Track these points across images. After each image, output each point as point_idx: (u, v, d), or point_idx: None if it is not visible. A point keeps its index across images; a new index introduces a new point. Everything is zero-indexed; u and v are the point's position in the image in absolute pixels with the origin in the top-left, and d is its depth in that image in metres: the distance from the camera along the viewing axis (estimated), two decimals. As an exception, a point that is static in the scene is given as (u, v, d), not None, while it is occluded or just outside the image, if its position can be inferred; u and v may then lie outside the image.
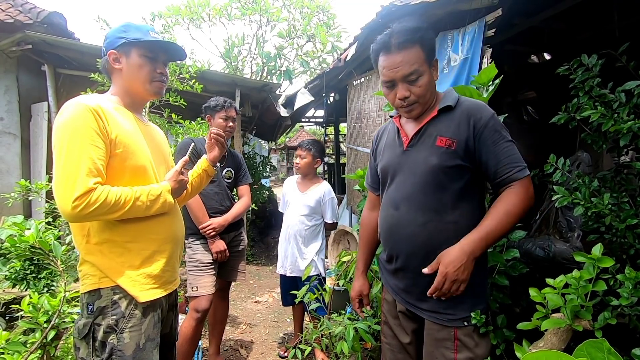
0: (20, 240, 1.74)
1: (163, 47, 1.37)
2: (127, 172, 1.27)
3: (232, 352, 2.98)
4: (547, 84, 3.85)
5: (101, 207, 1.14)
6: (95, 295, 1.24)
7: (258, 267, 5.55)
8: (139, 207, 1.23)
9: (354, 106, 4.70)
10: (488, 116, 1.23)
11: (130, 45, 1.31)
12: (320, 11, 10.31)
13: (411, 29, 1.23)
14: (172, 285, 1.41)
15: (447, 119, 1.27)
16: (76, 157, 1.13)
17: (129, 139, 1.27)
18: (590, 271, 1.20)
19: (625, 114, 1.66)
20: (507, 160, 1.20)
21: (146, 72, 1.33)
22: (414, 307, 1.33)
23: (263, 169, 7.16)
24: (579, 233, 2.37)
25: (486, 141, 1.21)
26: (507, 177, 1.20)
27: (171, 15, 9.41)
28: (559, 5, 2.78)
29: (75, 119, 1.16)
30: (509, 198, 1.18)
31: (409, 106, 1.28)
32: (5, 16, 4.52)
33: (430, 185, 1.25)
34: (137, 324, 1.25)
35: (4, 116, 4.74)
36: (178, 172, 1.40)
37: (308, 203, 2.69)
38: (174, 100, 3.54)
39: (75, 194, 1.11)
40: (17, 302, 2.47)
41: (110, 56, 1.32)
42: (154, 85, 1.37)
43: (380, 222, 1.42)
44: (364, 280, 1.60)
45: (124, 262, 1.25)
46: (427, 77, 1.25)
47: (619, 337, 1.37)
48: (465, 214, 1.25)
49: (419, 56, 1.23)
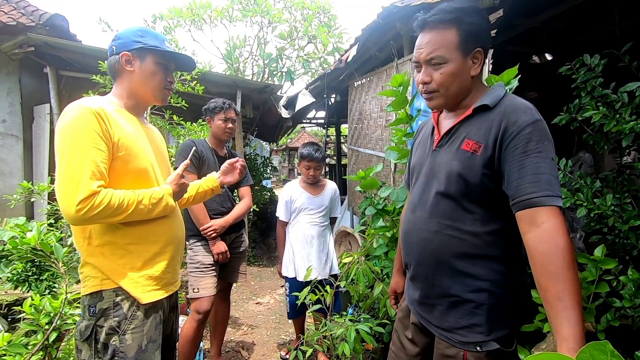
0: (21, 242, 1.74)
1: (175, 58, 1.41)
2: (129, 174, 1.27)
3: (234, 354, 2.98)
4: (548, 84, 3.85)
5: (105, 210, 1.14)
6: (97, 297, 1.24)
7: (259, 268, 5.55)
8: (141, 210, 1.23)
9: (355, 107, 4.71)
10: (526, 121, 0.99)
11: (146, 50, 1.32)
12: (321, 12, 10.33)
13: (448, 8, 1.09)
14: (173, 286, 1.41)
15: (481, 120, 1.09)
16: (79, 160, 1.13)
17: (131, 142, 1.27)
18: (592, 273, 1.20)
19: (627, 114, 1.65)
20: (535, 178, 0.95)
21: (159, 79, 1.36)
22: (425, 320, 1.22)
23: (264, 170, 7.17)
24: (582, 234, 2.37)
25: (514, 150, 0.99)
26: (528, 198, 0.95)
27: (173, 17, 9.45)
28: (560, 6, 2.78)
29: (77, 121, 1.16)
30: (545, 244, 0.91)
31: (428, 94, 1.16)
32: (8, 19, 4.54)
33: (450, 191, 1.11)
34: (139, 325, 1.25)
35: (7, 118, 4.75)
36: (179, 175, 1.39)
37: (324, 203, 2.70)
38: (175, 102, 3.55)
39: (79, 197, 1.11)
40: (19, 303, 2.48)
41: (123, 57, 1.31)
42: (164, 93, 1.40)
43: (401, 225, 1.36)
44: (399, 277, 1.50)
45: (126, 263, 1.25)
46: (453, 65, 1.09)
47: (622, 339, 1.37)
48: (487, 226, 1.07)
49: (450, 40, 1.08)
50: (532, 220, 0.95)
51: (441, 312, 1.15)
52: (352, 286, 2.15)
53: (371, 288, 2.07)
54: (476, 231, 1.08)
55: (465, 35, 1.07)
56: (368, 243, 2.21)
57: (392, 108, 1.89)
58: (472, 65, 1.11)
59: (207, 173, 2.39)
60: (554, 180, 0.96)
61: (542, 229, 0.92)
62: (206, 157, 2.39)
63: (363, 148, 4.43)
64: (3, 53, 4.33)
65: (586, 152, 2.74)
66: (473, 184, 1.07)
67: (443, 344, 1.16)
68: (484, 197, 1.08)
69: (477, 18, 1.09)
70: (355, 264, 2.15)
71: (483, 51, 1.11)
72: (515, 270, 1.11)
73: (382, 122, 3.88)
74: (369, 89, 4.20)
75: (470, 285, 1.08)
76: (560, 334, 0.86)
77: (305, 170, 2.66)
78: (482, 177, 1.06)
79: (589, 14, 3.18)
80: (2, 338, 1.57)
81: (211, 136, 2.53)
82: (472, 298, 1.09)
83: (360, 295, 2.10)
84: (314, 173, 2.64)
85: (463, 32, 1.07)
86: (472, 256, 1.09)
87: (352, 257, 2.27)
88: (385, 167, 3.61)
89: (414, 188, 1.28)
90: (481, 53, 1.11)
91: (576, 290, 0.87)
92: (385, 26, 3.31)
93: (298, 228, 2.67)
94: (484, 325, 1.08)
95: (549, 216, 0.92)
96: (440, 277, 1.15)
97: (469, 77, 1.13)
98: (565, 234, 0.91)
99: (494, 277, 1.07)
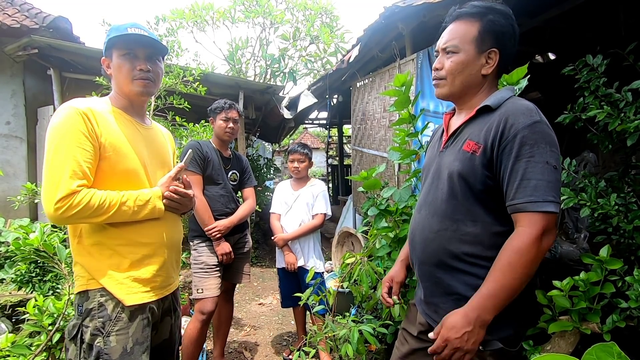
0: (25, 243, 1.75)
1: (141, 42, 1.32)
2: (117, 175, 1.26)
3: (237, 354, 2.98)
4: (551, 84, 3.83)
5: (84, 210, 1.14)
6: (84, 296, 1.24)
7: (262, 269, 5.55)
8: (124, 211, 1.22)
9: (358, 107, 4.70)
10: (524, 124, 1.00)
11: (110, 48, 1.31)
12: (323, 13, 10.32)
13: (477, 4, 1.11)
14: (165, 290, 1.38)
15: (483, 121, 1.10)
16: (62, 160, 1.14)
17: (120, 142, 1.26)
18: (597, 273, 1.19)
19: (632, 113, 1.64)
20: (522, 184, 0.98)
21: (125, 71, 1.30)
22: (431, 319, 1.22)
23: (267, 171, 7.17)
24: (586, 234, 2.35)
25: (509, 154, 1.01)
26: (513, 204, 1.00)
27: (175, 18, 9.46)
28: (563, 5, 2.76)
29: (64, 122, 1.17)
30: (510, 245, 0.99)
31: (437, 80, 1.17)
32: (12, 21, 4.57)
33: (451, 191, 1.12)
34: (123, 327, 1.23)
35: (11, 120, 4.78)
36: (171, 178, 1.36)
37: (303, 198, 2.78)
38: (177, 103, 3.56)
39: (57, 196, 1.12)
40: (22, 304, 2.49)
41: (104, 63, 1.36)
42: (136, 84, 1.32)
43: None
44: (400, 267, 1.43)
45: (111, 264, 1.24)
46: (464, 56, 1.11)
47: (629, 340, 1.35)
48: (489, 228, 1.08)
49: (468, 32, 1.10)
50: (515, 223, 1.01)
51: (445, 310, 1.15)
52: (355, 287, 2.15)
53: (374, 289, 2.07)
54: (477, 232, 1.08)
55: (484, 32, 1.09)
56: (371, 244, 2.20)
57: (394, 108, 1.89)
58: (485, 64, 1.12)
59: (212, 174, 2.43)
60: (543, 184, 0.97)
61: (517, 232, 0.99)
62: (211, 158, 2.40)
63: (367, 148, 4.42)
64: (7, 55, 4.36)
65: (590, 151, 2.72)
66: (474, 184, 1.08)
67: None
68: (485, 197, 1.08)
69: (502, 20, 1.09)
70: (358, 265, 2.14)
71: (499, 53, 1.11)
72: None
73: (385, 123, 3.87)
74: (372, 89, 4.20)
75: (472, 284, 1.08)
76: (470, 302, 1.01)
77: (290, 164, 2.82)
78: (482, 178, 1.07)
79: (593, 13, 3.16)
80: (6, 339, 1.58)
81: (214, 137, 2.54)
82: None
83: (363, 296, 2.09)
84: (297, 165, 2.77)
85: (483, 28, 1.09)
86: (473, 256, 1.09)
87: (354, 258, 2.26)
88: (389, 167, 3.60)
89: (423, 188, 1.30)
90: (497, 54, 1.11)
91: (505, 286, 0.97)
92: (387, 26, 3.31)
93: (283, 220, 2.82)
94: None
95: (526, 222, 0.98)
96: (442, 275, 1.15)
97: (479, 75, 1.13)
98: (533, 241, 0.96)
99: None
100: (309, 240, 2.77)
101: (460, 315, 1.01)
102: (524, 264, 0.96)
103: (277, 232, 2.77)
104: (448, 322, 1.03)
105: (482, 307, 0.99)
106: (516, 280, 0.97)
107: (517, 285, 0.97)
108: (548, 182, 0.97)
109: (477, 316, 0.98)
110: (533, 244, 0.96)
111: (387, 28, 3.35)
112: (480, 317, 0.98)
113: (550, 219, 0.97)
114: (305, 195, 2.77)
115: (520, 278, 0.97)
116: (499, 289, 0.98)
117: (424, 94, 3.12)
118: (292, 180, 2.92)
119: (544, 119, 1.03)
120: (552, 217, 0.97)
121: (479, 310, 0.99)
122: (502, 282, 0.98)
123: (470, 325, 0.98)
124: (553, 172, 0.98)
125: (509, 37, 1.11)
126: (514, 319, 1.09)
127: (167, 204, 1.34)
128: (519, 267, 0.96)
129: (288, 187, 2.89)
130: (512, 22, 1.12)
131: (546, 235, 0.97)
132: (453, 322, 1.01)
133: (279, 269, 2.85)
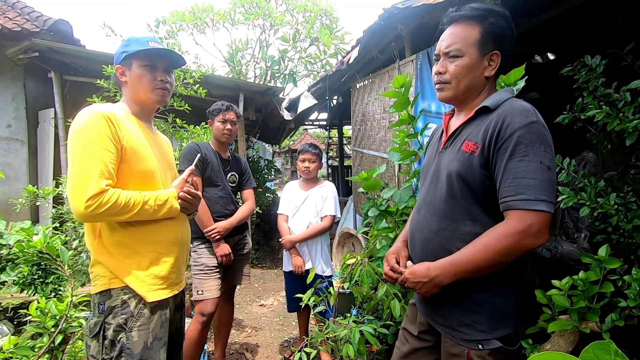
0: (27, 246, 1.76)
1: (161, 55, 1.43)
2: (136, 176, 1.33)
3: (238, 356, 2.98)
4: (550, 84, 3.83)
5: (112, 208, 1.21)
6: (106, 295, 1.30)
7: (263, 270, 5.55)
8: (146, 210, 1.29)
9: (358, 109, 4.71)
10: (519, 124, 1.01)
11: (130, 57, 1.39)
12: (323, 14, 10.34)
13: (477, 6, 1.13)
14: (178, 286, 1.46)
15: (481, 122, 1.11)
16: (90, 160, 1.20)
17: (139, 146, 1.34)
18: (597, 272, 1.20)
19: (630, 112, 1.65)
20: (515, 182, 1.00)
21: (147, 81, 1.40)
22: (431, 319, 1.25)
23: (267, 173, 7.18)
24: (586, 234, 2.35)
25: (504, 153, 1.02)
26: (504, 201, 1.02)
27: (175, 21, 9.49)
28: (562, 5, 2.77)
29: (89, 125, 1.24)
30: (494, 230, 1.02)
31: (440, 84, 1.19)
32: (13, 24, 4.59)
33: (450, 191, 1.14)
34: (145, 323, 1.30)
35: (12, 123, 4.80)
36: (184, 180, 1.45)
37: (311, 199, 2.73)
38: (178, 105, 3.57)
39: (88, 194, 1.17)
40: (25, 306, 2.50)
41: (117, 70, 1.42)
42: (156, 93, 1.42)
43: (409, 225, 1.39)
44: (401, 244, 1.38)
45: (132, 263, 1.31)
46: (468, 60, 1.12)
47: (627, 339, 1.36)
48: (488, 227, 1.08)
49: (470, 36, 1.11)
50: (507, 221, 1.02)
51: (445, 310, 1.17)
52: (355, 287, 2.15)
53: (375, 289, 2.07)
54: (476, 231, 1.09)
55: (486, 34, 1.10)
56: (371, 244, 2.21)
57: (394, 109, 1.89)
58: (488, 66, 1.14)
59: (211, 176, 2.43)
60: (536, 183, 0.98)
61: (504, 222, 1.02)
62: (210, 160, 2.41)
63: (367, 149, 4.43)
64: (8, 58, 4.37)
65: (590, 151, 2.72)
66: (472, 184, 1.09)
67: (449, 342, 1.17)
68: (484, 197, 1.09)
69: (502, 22, 1.11)
70: (358, 266, 2.15)
71: (501, 55, 1.12)
72: (518, 270, 1.11)
73: (385, 124, 3.88)
74: (372, 91, 4.21)
75: (471, 284, 1.09)
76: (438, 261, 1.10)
77: (300, 164, 2.76)
78: (481, 178, 1.08)
79: (591, 13, 3.17)
80: (9, 341, 1.59)
81: (213, 139, 2.55)
82: (473, 296, 1.11)
83: (364, 297, 2.10)
84: (308, 165, 2.72)
85: (484, 31, 1.10)
86: None
87: (355, 259, 2.27)
88: (390, 168, 3.61)
89: (422, 189, 1.32)
90: (498, 56, 1.12)
91: (472, 262, 1.03)
92: (386, 27, 3.32)
93: (291, 222, 2.77)
94: (485, 324, 1.09)
95: (515, 217, 1.00)
96: None
97: (482, 77, 1.15)
98: (515, 233, 0.98)
99: (494, 276, 1.07)
100: (317, 243, 2.71)
101: (424, 267, 1.12)
102: (498, 250, 1.00)
103: (284, 233, 2.71)
104: (413, 268, 1.15)
105: (445, 269, 1.07)
106: (484, 262, 1.01)
107: (483, 266, 1.02)
108: (541, 182, 0.98)
109: (436, 275, 1.08)
110: (514, 235, 0.98)
111: (386, 29, 3.36)
112: (438, 277, 1.08)
113: (541, 219, 0.97)
114: (315, 197, 2.72)
115: (489, 261, 1.01)
116: (466, 262, 1.04)
117: (425, 94, 3.12)
118: (301, 180, 2.86)
119: (541, 120, 1.04)
120: (544, 217, 0.98)
121: (440, 271, 1.08)
122: (471, 257, 1.03)
123: (426, 278, 1.10)
124: (546, 172, 0.99)
125: (509, 39, 1.13)
126: (514, 318, 1.10)
127: (180, 204, 1.42)
128: (492, 251, 1.00)
129: (297, 187, 2.82)
130: (511, 24, 1.13)
131: (535, 236, 0.98)
132: (416, 269, 1.14)
133: (285, 272, 2.78)
